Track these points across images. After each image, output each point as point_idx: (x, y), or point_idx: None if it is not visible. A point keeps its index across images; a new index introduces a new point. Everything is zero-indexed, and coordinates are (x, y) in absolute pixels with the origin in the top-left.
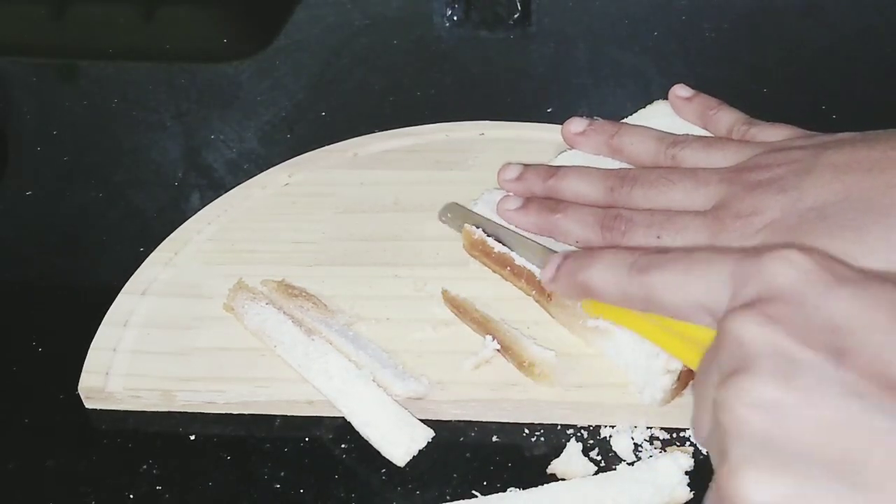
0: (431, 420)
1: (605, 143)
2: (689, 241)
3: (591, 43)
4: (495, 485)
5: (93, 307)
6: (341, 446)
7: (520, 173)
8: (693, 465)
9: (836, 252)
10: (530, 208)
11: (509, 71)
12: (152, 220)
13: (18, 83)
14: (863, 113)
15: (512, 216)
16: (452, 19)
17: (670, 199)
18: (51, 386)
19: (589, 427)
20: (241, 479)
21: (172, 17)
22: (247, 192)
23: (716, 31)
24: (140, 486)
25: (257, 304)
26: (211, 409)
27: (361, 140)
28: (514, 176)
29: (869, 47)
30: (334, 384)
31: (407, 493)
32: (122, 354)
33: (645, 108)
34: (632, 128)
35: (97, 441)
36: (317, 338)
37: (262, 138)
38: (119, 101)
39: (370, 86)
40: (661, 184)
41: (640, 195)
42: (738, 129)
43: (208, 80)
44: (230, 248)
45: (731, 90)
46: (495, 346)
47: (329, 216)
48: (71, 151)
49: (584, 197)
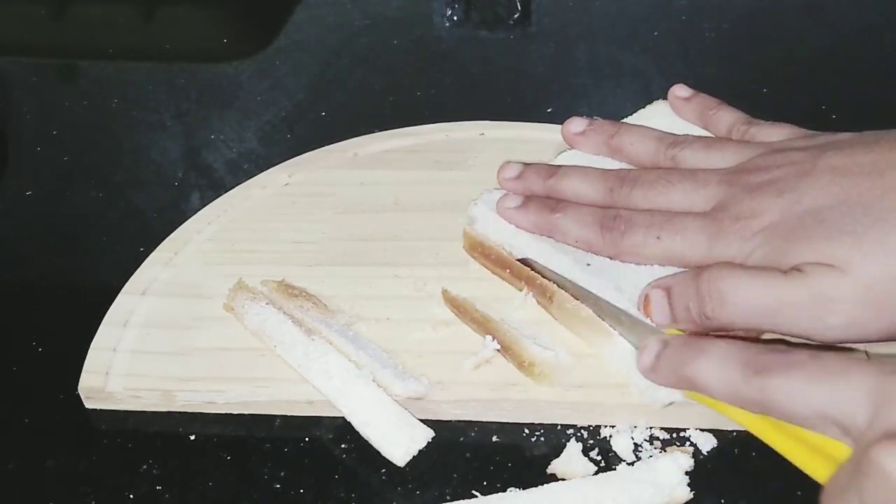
0: (431, 420)
1: (605, 143)
2: (689, 242)
3: (591, 43)
4: (495, 485)
5: (93, 307)
6: (341, 446)
7: (520, 172)
8: (693, 466)
9: (833, 257)
10: (530, 207)
11: (509, 71)
12: (152, 220)
13: (18, 83)
14: (863, 113)
15: (511, 215)
16: (452, 19)
17: (669, 200)
18: (51, 386)
19: (589, 427)
20: (241, 479)
21: (172, 17)
22: (247, 192)
23: (716, 31)
24: (140, 486)
25: (257, 304)
26: (211, 409)
27: (361, 140)
28: (514, 175)
29: (869, 47)
30: (334, 384)
31: (407, 493)
32: (122, 354)
33: (645, 108)
34: (632, 128)
35: (97, 441)
36: (317, 338)
37: (262, 138)
38: (119, 101)
39: (370, 86)
40: (661, 185)
41: (639, 196)
42: (738, 128)
43: (208, 80)
44: (230, 248)
45: (731, 90)
46: (495, 346)
47: (329, 216)
48: (71, 151)
49: (583, 197)
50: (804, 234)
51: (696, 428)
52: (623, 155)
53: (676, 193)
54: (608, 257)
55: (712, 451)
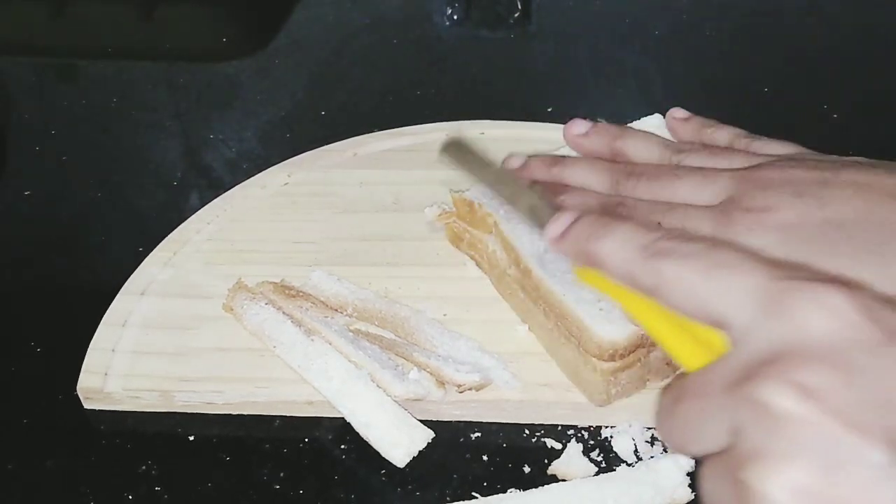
0: (431, 421)
1: (608, 147)
2: (691, 230)
3: (591, 43)
4: (495, 486)
5: (92, 307)
6: (341, 447)
7: (523, 163)
8: (694, 466)
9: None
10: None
11: (509, 71)
12: (151, 220)
13: (18, 83)
14: (863, 113)
15: None
16: (452, 19)
17: (675, 195)
18: (50, 386)
19: (589, 427)
20: (240, 479)
21: (172, 17)
22: (246, 192)
23: (716, 31)
24: (139, 487)
25: (257, 304)
26: (210, 409)
27: (361, 140)
28: (518, 166)
29: (869, 47)
30: (334, 385)
31: (407, 493)
32: (120, 355)
33: (639, 120)
34: (636, 132)
35: (96, 441)
36: (316, 338)
37: (261, 138)
38: (119, 100)
39: (370, 85)
40: (667, 178)
41: (644, 189)
42: (740, 142)
43: (208, 80)
44: (229, 248)
45: (732, 90)
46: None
47: (328, 216)
48: (71, 151)
49: (588, 188)
50: (829, 247)
51: None
52: (626, 159)
53: (683, 187)
54: None
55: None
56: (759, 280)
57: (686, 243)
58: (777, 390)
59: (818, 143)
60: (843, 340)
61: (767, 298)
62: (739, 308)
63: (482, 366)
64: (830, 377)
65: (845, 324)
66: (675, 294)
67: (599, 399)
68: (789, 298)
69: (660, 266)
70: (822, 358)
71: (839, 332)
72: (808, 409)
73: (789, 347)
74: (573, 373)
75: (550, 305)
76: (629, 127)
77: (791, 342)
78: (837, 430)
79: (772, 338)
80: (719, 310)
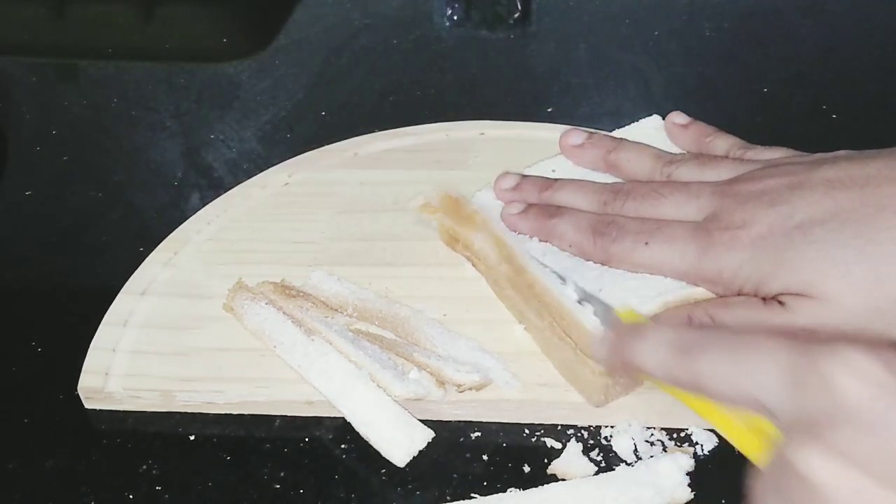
0: (431, 420)
1: (602, 158)
2: (678, 250)
3: (591, 43)
4: (495, 485)
5: (92, 307)
6: (341, 446)
7: (517, 183)
8: (693, 466)
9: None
10: (530, 213)
11: (509, 71)
12: (152, 220)
13: (18, 83)
14: (863, 113)
15: (514, 220)
16: (452, 19)
17: (661, 213)
18: (50, 386)
19: (589, 427)
20: (241, 479)
21: (172, 17)
22: (246, 192)
23: (716, 31)
24: (140, 487)
25: (257, 304)
26: (210, 409)
27: (361, 140)
28: (511, 186)
29: (869, 47)
30: (334, 384)
31: (407, 493)
32: (121, 354)
33: (638, 121)
34: (630, 144)
35: (97, 441)
36: (317, 338)
37: (261, 138)
38: (119, 100)
39: (370, 86)
40: (653, 197)
41: (631, 208)
42: (735, 152)
43: (208, 80)
44: (230, 247)
45: (731, 90)
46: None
47: (329, 216)
48: (71, 151)
49: (578, 209)
50: (791, 258)
51: (697, 428)
52: (619, 171)
53: (668, 205)
54: (599, 263)
55: (712, 451)
56: (783, 358)
57: (708, 332)
58: (815, 461)
59: (818, 144)
60: (874, 403)
61: (795, 375)
62: (776, 392)
63: (482, 366)
64: (863, 440)
65: (873, 385)
66: (714, 388)
67: (597, 400)
68: (816, 369)
69: (692, 365)
70: (853, 422)
71: (869, 395)
72: (845, 475)
73: (824, 417)
74: (569, 373)
75: (546, 305)
76: (623, 139)
77: (824, 411)
78: (873, 492)
79: (807, 411)
80: (760, 398)
